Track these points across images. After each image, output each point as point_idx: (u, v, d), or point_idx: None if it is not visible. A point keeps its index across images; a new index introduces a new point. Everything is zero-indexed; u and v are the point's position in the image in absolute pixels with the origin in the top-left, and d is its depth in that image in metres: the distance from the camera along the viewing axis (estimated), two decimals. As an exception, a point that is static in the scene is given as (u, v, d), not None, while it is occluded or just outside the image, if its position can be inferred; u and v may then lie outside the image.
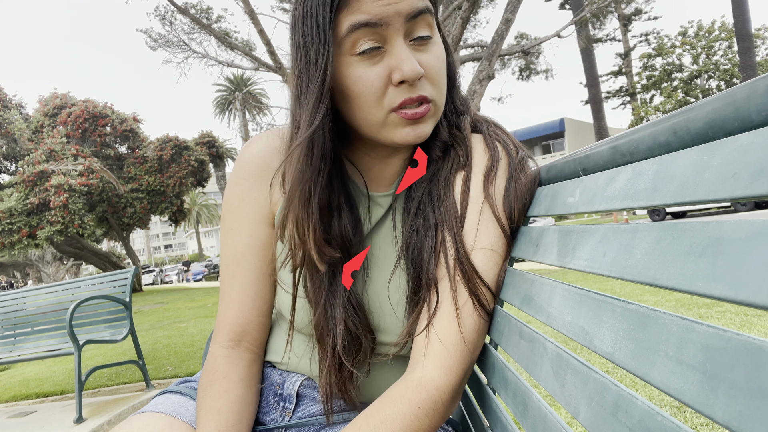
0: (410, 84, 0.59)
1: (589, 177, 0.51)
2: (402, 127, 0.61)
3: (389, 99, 0.60)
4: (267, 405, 0.76)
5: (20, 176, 13.53)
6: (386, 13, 0.56)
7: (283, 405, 0.75)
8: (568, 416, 1.90)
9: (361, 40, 0.58)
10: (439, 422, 0.58)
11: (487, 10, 11.62)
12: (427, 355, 0.60)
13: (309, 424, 0.73)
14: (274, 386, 0.76)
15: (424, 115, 0.61)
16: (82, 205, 13.52)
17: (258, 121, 24.62)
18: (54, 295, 3.43)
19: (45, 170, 13.36)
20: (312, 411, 0.74)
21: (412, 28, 0.59)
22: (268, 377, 0.77)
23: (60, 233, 13.27)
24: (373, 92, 0.59)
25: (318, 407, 0.74)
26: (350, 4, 0.57)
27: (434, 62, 0.61)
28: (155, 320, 7.81)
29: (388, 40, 0.58)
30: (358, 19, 0.57)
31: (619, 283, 5.24)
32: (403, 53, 0.58)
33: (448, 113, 0.70)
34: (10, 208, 13.05)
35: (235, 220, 0.74)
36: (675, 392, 0.30)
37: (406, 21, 0.58)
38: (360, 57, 0.59)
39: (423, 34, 0.60)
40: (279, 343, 0.78)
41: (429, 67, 0.60)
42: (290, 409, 0.74)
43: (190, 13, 8.83)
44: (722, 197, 0.29)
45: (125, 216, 16.21)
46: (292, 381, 0.75)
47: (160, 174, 16.52)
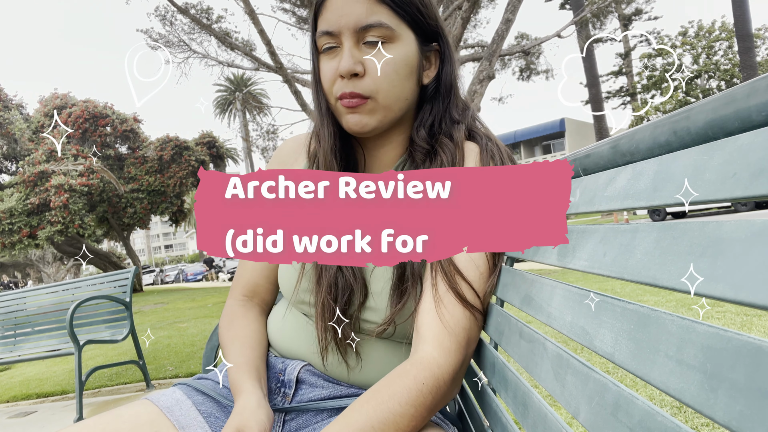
0: (347, 79, 0.72)
1: (590, 177, 0.51)
2: (346, 115, 0.74)
3: (336, 89, 0.73)
4: (270, 391, 0.80)
5: (21, 176, 13.54)
6: (339, 23, 0.72)
7: (283, 390, 0.79)
8: (568, 416, 1.90)
9: (325, 42, 0.74)
10: (440, 402, 0.63)
11: (487, 10, 11.62)
12: (428, 338, 0.65)
13: (308, 408, 0.76)
14: (276, 374, 0.81)
15: (356, 107, 0.73)
16: (82, 206, 13.53)
17: (258, 121, 24.63)
18: (54, 295, 3.43)
19: (45, 170, 13.37)
20: (311, 396, 0.78)
21: (363, 35, 0.72)
22: (272, 366, 0.82)
23: (60, 233, 13.28)
24: (327, 81, 0.74)
25: (317, 392, 0.77)
26: (322, 15, 0.74)
27: (381, 65, 0.72)
28: (155, 320, 7.82)
29: (342, 43, 0.73)
30: (322, 27, 0.74)
31: (619, 283, 5.24)
32: (345, 53, 0.71)
33: (435, 122, 0.78)
34: (10, 209, 13.06)
35: None
36: (675, 392, 0.30)
37: (356, 32, 0.71)
38: (323, 54, 0.75)
39: (370, 40, 0.72)
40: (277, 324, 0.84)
41: (371, 68, 0.72)
42: (290, 394, 0.78)
43: (190, 14, 8.83)
44: (722, 197, 0.29)
45: (125, 216, 16.22)
46: (293, 367, 0.79)
47: (161, 174, 16.54)
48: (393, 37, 0.72)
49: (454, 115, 0.79)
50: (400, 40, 0.73)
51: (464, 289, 0.67)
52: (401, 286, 0.71)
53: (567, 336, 0.45)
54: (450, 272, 0.67)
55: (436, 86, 0.79)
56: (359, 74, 0.71)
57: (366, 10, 0.71)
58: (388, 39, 0.72)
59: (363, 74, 0.72)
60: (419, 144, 0.77)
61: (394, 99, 0.74)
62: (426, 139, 0.77)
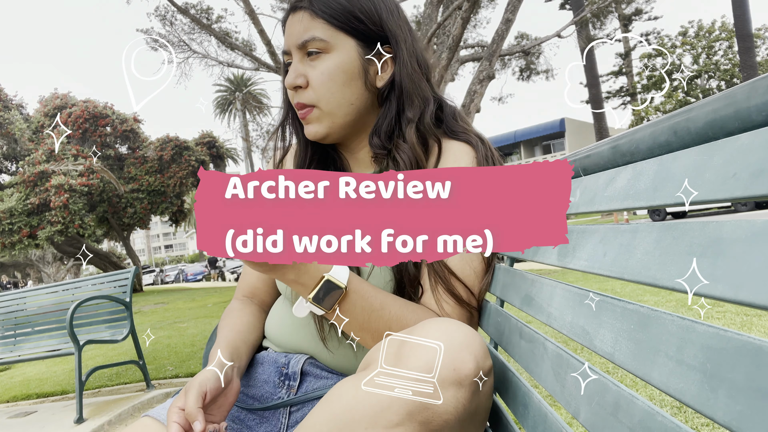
0: (294, 91, 0.80)
1: (590, 177, 0.51)
2: (304, 125, 0.83)
3: (293, 101, 0.82)
4: (273, 385, 0.81)
5: (21, 176, 13.54)
6: (289, 43, 0.81)
7: (288, 383, 0.80)
8: (568, 416, 1.89)
9: (286, 60, 0.83)
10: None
11: (487, 10, 11.61)
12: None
13: (314, 398, 0.77)
14: (279, 367, 0.82)
15: (305, 117, 0.81)
16: (82, 206, 13.53)
17: (258, 121, 24.63)
18: (54, 295, 3.43)
19: (45, 170, 13.36)
20: (315, 387, 0.78)
21: (305, 49, 0.79)
22: (274, 361, 0.83)
23: (60, 233, 13.28)
24: (287, 94, 0.84)
25: (322, 383, 0.78)
26: (285, 36, 0.83)
27: (317, 75, 0.79)
28: (155, 320, 7.81)
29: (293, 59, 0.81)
30: (283, 48, 0.84)
31: (619, 283, 5.24)
32: (291, 69, 0.80)
33: (392, 124, 0.81)
34: (10, 209, 13.05)
35: None
36: (675, 392, 0.30)
37: (299, 48, 0.79)
38: (286, 68, 0.83)
39: (310, 50, 0.79)
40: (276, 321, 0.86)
41: (311, 78, 0.79)
42: (294, 386, 0.79)
43: (190, 14, 8.83)
44: (722, 197, 0.29)
45: (125, 216, 16.21)
46: (296, 360, 0.81)
47: (161, 174, 16.53)
48: (328, 48, 0.78)
49: (409, 115, 0.81)
50: (336, 50, 0.79)
51: (460, 290, 0.72)
52: (401, 289, 0.75)
53: (567, 336, 0.45)
54: (444, 275, 0.71)
55: (391, 88, 0.82)
56: (302, 86, 0.79)
57: (304, 27, 0.79)
58: (324, 50, 0.78)
59: (306, 86, 0.79)
60: (376, 150, 0.81)
61: (336, 105, 0.80)
62: (380, 145, 0.80)
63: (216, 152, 18.90)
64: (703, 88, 24.42)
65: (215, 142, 18.79)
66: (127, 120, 16.57)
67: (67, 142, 14.78)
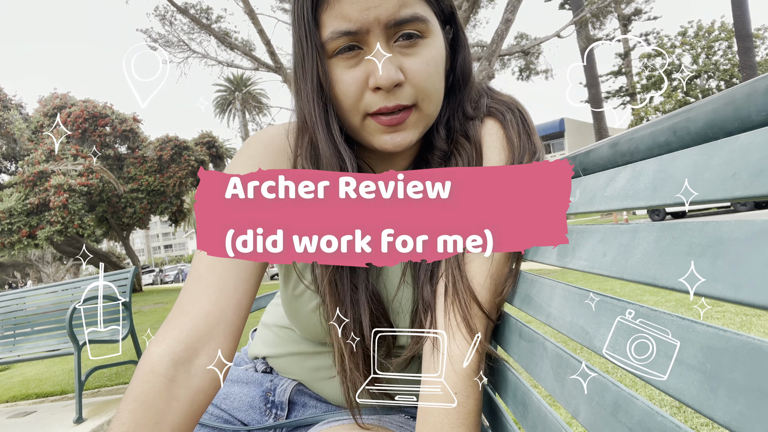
0: (387, 91, 0.57)
1: (589, 177, 0.51)
2: (380, 134, 0.60)
3: (365, 104, 0.58)
4: (259, 411, 0.76)
5: (20, 176, 13.53)
6: (366, 19, 0.55)
7: (275, 412, 0.75)
8: (568, 416, 1.90)
9: (341, 44, 0.57)
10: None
11: (487, 10, 11.63)
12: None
13: (304, 423, 0.74)
14: (264, 392, 0.77)
15: (401, 122, 0.59)
16: (81, 205, 13.53)
17: (258, 121, 24.65)
18: (54, 295, 3.43)
19: (45, 170, 13.36)
20: (304, 416, 0.74)
21: (396, 31, 0.57)
22: (259, 383, 0.78)
23: (60, 233, 13.27)
24: (350, 96, 0.58)
25: (311, 411, 0.75)
26: (330, 8, 0.56)
27: (421, 67, 0.57)
28: (155, 320, 7.81)
29: (367, 43, 0.57)
30: (337, 26, 0.56)
31: (619, 283, 5.24)
32: (380, 58, 0.56)
33: (451, 119, 0.67)
34: (9, 208, 13.05)
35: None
36: (675, 392, 0.30)
37: (387, 27, 0.56)
38: (339, 58, 0.58)
39: (408, 33, 0.57)
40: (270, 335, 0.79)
41: (413, 73, 0.57)
42: (283, 416, 0.75)
43: (190, 13, 8.83)
44: (722, 197, 0.29)
45: (125, 216, 16.22)
46: (283, 387, 0.76)
47: (160, 174, 16.53)
48: (428, 31, 0.58)
49: (468, 110, 0.67)
50: (434, 33, 0.59)
51: (477, 322, 0.58)
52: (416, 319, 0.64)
53: (567, 336, 0.45)
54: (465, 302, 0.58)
55: (452, 78, 0.67)
56: (401, 82, 0.57)
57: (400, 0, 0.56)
58: (424, 33, 0.58)
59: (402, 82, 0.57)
60: (439, 146, 0.66)
61: (436, 104, 0.62)
62: (445, 140, 0.66)
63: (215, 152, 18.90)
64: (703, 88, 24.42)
65: (215, 142, 18.80)
66: (127, 120, 16.58)
67: (66, 142, 14.77)
